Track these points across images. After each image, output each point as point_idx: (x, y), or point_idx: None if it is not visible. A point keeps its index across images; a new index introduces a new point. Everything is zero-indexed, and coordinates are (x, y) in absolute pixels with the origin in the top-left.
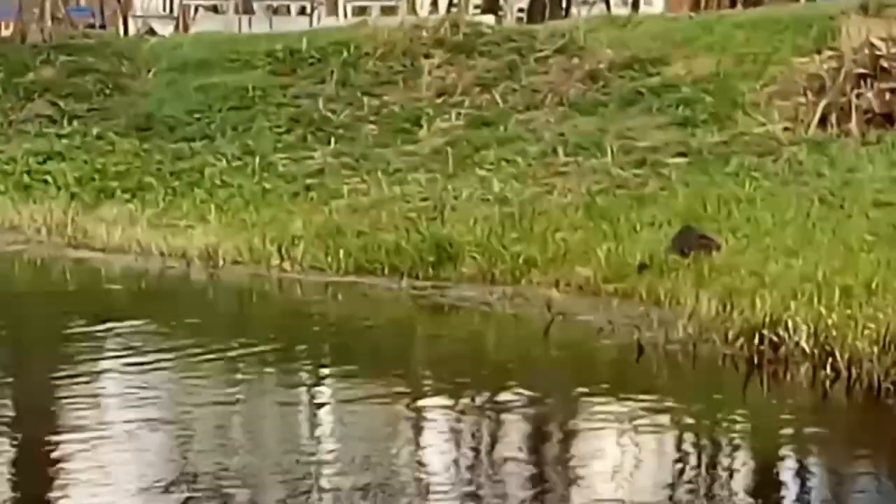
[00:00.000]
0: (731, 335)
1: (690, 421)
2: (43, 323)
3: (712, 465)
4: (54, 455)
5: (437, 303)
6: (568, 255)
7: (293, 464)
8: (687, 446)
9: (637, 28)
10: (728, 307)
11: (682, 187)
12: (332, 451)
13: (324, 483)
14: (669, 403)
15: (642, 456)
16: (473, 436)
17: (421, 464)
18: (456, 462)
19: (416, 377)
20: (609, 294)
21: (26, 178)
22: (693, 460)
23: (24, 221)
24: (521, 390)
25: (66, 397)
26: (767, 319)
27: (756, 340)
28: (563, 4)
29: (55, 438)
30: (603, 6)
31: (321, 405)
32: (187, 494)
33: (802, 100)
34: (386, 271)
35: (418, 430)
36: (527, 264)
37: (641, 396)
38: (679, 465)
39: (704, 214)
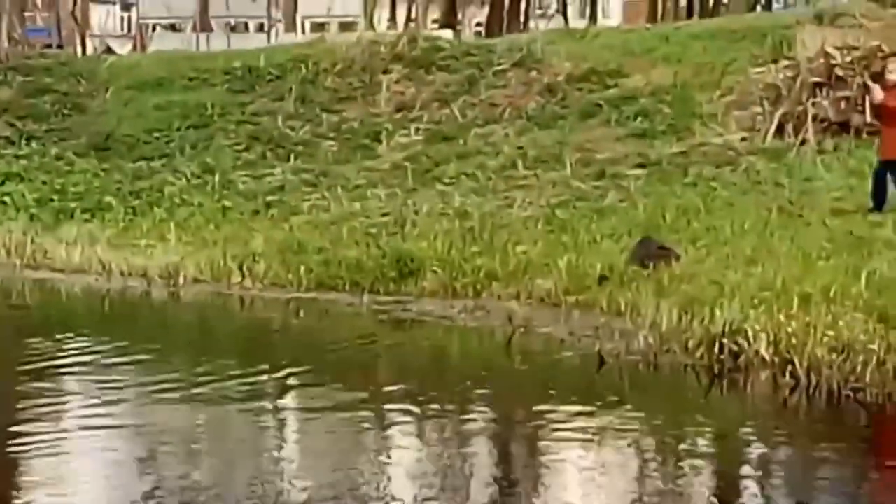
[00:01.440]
0: (691, 345)
1: (653, 430)
2: (1, 342)
3: (675, 473)
4: (14, 471)
5: (399, 317)
6: (529, 268)
7: (257, 477)
8: (650, 455)
9: (595, 40)
10: (688, 317)
11: (642, 198)
12: (295, 462)
13: (288, 494)
14: (632, 413)
15: (606, 466)
16: (436, 447)
17: (383, 475)
18: (419, 474)
19: (379, 390)
20: (570, 305)
21: None
22: (656, 469)
23: None
24: (484, 402)
25: (24, 415)
26: (727, 328)
27: (716, 349)
28: (521, 18)
29: (13, 456)
30: (561, 19)
31: (284, 418)
32: None
33: (759, 109)
34: (347, 287)
35: (381, 442)
36: (488, 277)
37: (603, 407)
38: (642, 474)
39: (664, 224)
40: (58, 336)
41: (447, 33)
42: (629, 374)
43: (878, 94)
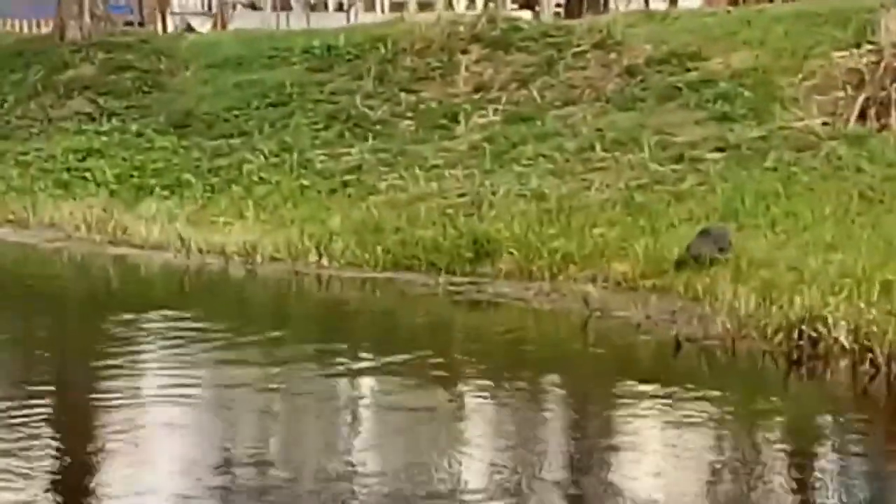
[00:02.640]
0: (769, 331)
1: (730, 416)
2: (84, 318)
3: (752, 459)
4: (96, 444)
5: (475, 299)
6: (605, 251)
7: (331, 453)
8: (727, 440)
9: (675, 23)
10: (767, 303)
11: (721, 182)
12: (369, 442)
13: (361, 472)
14: (709, 398)
15: (683, 449)
16: (512, 428)
17: (460, 455)
18: (495, 454)
19: (455, 372)
20: (647, 289)
21: (66, 176)
22: (733, 454)
23: (65, 218)
24: (559, 385)
25: (107, 389)
26: (806, 315)
27: (795, 336)
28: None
29: (97, 429)
30: (641, 1)
31: (359, 397)
32: (225, 483)
33: (841, 94)
34: (423, 267)
35: (457, 422)
36: (564, 260)
37: (681, 392)
38: (720, 459)
39: (743, 209)
40: (138, 312)
41: (526, 14)
42: (706, 359)
43: None
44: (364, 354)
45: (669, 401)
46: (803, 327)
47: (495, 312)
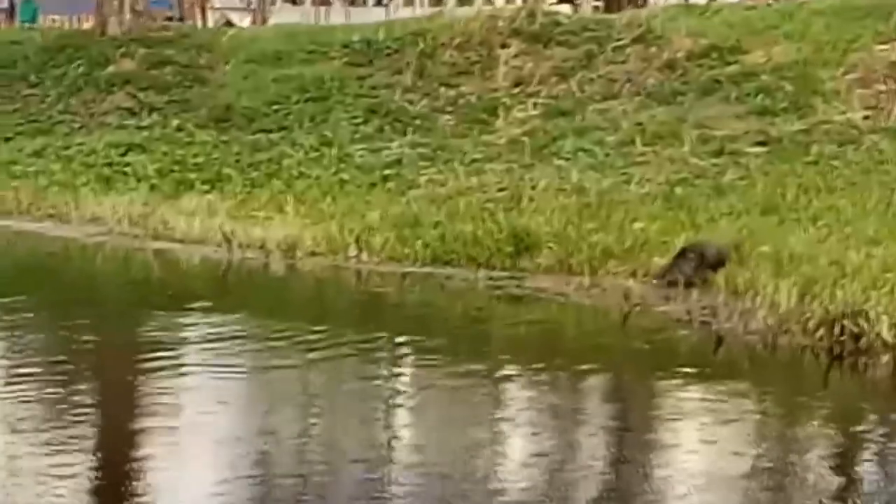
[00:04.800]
0: (811, 326)
1: (771, 410)
2: (125, 312)
3: (793, 454)
4: (135, 439)
5: (514, 293)
6: (646, 246)
7: (372, 447)
8: (768, 435)
9: (715, 16)
10: (808, 297)
11: (762, 176)
12: (410, 435)
13: (402, 466)
14: (750, 393)
15: (723, 444)
16: (553, 422)
17: (499, 447)
18: (536, 447)
19: (495, 366)
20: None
21: (107, 170)
22: (774, 449)
23: (106, 213)
24: (600, 380)
25: (147, 384)
26: (848, 310)
27: (836, 331)
28: None
29: (137, 423)
30: None
31: (400, 391)
32: (264, 478)
33: (883, 87)
34: (463, 262)
35: (497, 415)
36: (604, 254)
37: (721, 387)
38: (760, 455)
39: (784, 203)
40: (179, 307)
41: (565, 8)
42: (747, 354)
43: None
44: (404, 349)
45: (710, 396)
46: (845, 322)
47: (535, 307)
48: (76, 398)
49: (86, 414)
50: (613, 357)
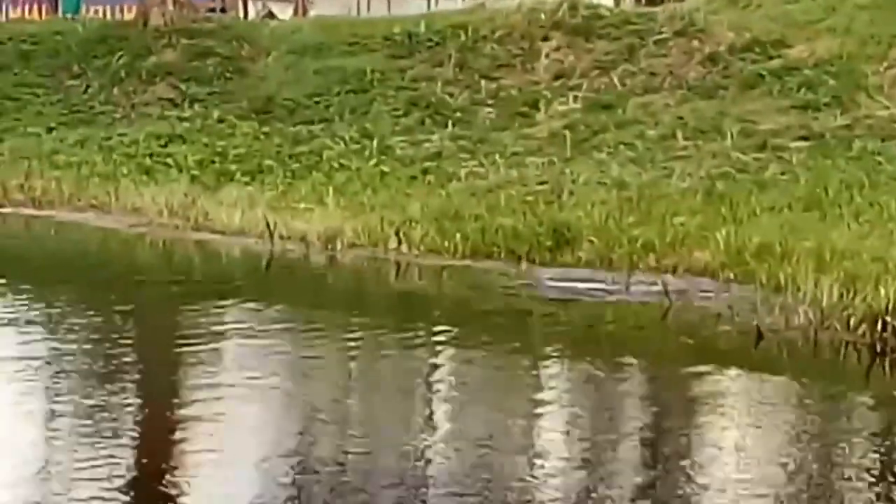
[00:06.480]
0: (853, 322)
1: (813, 406)
2: (166, 303)
3: (835, 451)
4: (174, 430)
5: (554, 286)
6: (686, 240)
7: (410, 441)
8: (810, 431)
9: (758, 10)
10: (850, 293)
11: (804, 171)
12: (449, 430)
13: (441, 461)
14: (791, 389)
15: (766, 439)
16: (594, 416)
17: (541, 442)
18: (577, 441)
19: (535, 358)
20: (728, 279)
21: (148, 161)
22: (816, 446)
23: (147, 204)
24: (640, 374)
25: (187, 376)
26: (890, 306)
27: (879, 327)
28: None
29: (176, 414)
30: None
31: (439, 384)
32: (300, 473)
33: None
34: (503, 255)
35: (537, 409)
36: (644, 249)
37: (763, 382)
38: (802, 451)
39: (826, 199)
40: (220, 298)
41: (608, 1)
42: (788, 350)
43: None
44: (444, 340)
45: (751, 392)
46: (887, 318)
47: (575, 301)
48: (118, 388)
49: (126, 405)
50: (654, 351)
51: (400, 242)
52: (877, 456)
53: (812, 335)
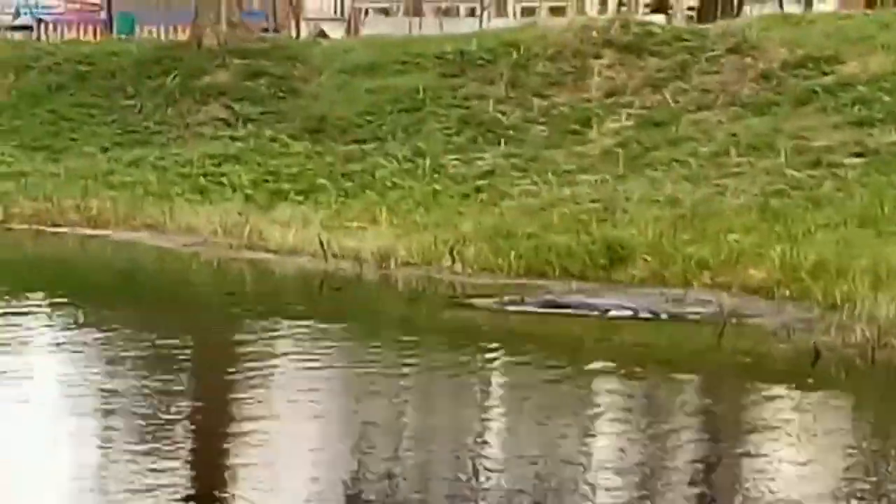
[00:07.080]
0: None
1: (872, 425)
2: (220, 322)
3: (892, 471)
4: (225, 448)
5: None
6: (741, 257)
7: (463, 461)
8: (868, 451)
9: (811, 26)
10: None
11: (859, 188)
12: (501, 448)
13: (492, 480)
14: (850, 407)
15: (823, 459)
16: (649, 433)
17: (593, 458)
18: (630, 458)
19: (589, 376)
20: (783, 297)
21: (202, 181)
22: (874, 465)
23: (201, 223)
24: (695, 392)
25: (240, 394)
26: None
27: None
28: (735, 3)
29: (228, 432)
30: (776, 4)
31: (493, 404)
32: (354, 492)
33: None
34: (557, 273)
35: (590, 425)
36: (699, 266)
37: (821, 400)
38: (861, 470)
39: (882, 216)
40: (275, 317)
41: (659, 18)
42: (845, 368)
43: None
44: (496, 359)
45: (809, 409)
46: None
47: (630, 319)
48: (173, 405)
49: (181, 421)
50: (710, 370)
51: (454, 261)
52: None
53: (870, 353)
